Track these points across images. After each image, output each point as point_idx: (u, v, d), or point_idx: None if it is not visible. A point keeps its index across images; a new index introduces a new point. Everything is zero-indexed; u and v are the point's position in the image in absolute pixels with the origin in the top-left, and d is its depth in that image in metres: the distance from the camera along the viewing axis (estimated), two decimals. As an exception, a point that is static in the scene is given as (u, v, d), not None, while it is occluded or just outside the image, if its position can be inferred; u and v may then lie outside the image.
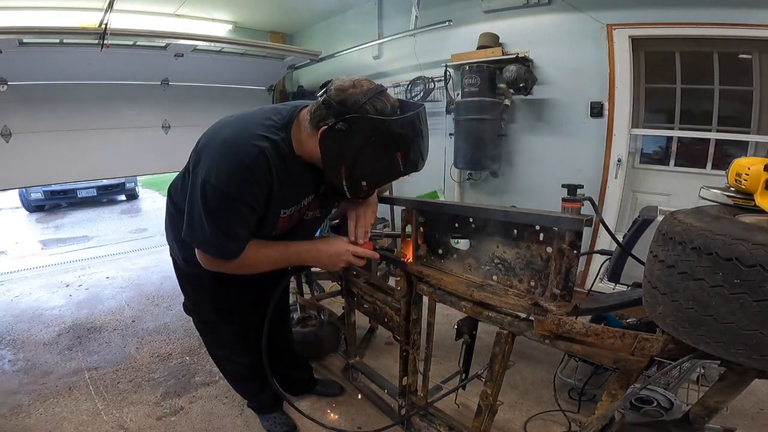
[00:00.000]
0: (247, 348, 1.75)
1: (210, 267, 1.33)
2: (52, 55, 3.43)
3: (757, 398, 2.01)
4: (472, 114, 3.37)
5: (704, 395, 1.03)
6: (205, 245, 1.27)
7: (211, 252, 1.27)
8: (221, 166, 1.17)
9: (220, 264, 1.31)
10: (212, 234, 1.22)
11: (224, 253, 1.27)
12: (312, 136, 1.20)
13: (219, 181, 1.16)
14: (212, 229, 1.21)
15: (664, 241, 0.89)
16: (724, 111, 2.74)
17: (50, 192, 6.96)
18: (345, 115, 1.11)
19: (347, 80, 1.16)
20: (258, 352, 1.58)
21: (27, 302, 3.45)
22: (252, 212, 1.24)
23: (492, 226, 1.29)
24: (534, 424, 1.93)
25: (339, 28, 4.96)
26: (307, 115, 1.21)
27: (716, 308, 0.76)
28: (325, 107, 1.15)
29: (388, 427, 1.75)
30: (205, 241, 1.25)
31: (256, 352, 1.61)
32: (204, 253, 1.29)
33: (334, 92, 1.14)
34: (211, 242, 1.24)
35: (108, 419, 2.01)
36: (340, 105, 1.12)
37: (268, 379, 1.65)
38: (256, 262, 1.34)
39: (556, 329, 1.09)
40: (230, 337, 1.75)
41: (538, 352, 2.43)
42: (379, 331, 2.70)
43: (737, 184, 0.98)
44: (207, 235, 1.23)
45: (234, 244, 1.26)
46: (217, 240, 1.23)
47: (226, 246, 1.26)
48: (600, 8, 2.95)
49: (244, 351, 1.77)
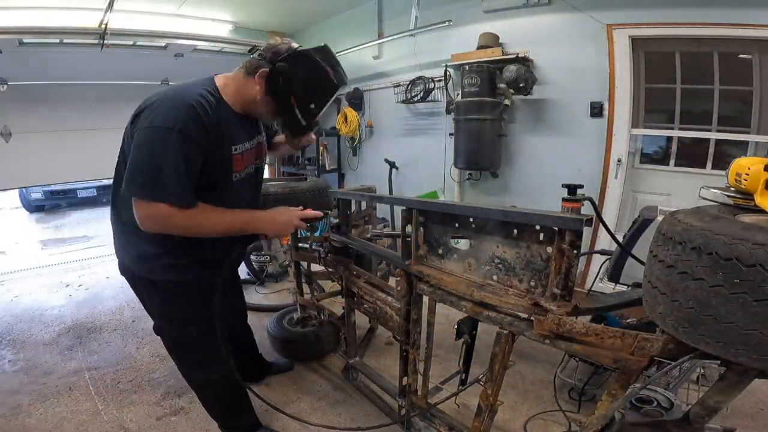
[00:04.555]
0: (222, 360, 1.67)
1: (153, 222, 1.25)
2: (52, 55, 3.44)
3: (757, 398, 2.02)
4: (472, 114, 3.37)
5: (704, 395, 1.03)
6: (148, 192, 1.21)
7: (156, 196, 1.20)
8: (165, 110, 1.24)
9: (166, 216, 1.23)
10: (157, 176, 1.19)
11: (170, 194, 1.21)
12: (248, 82, 1.39)
13: (165, 121, 1.21)
14: (156, 171, 1.19)
15: (664, 241, 0.89)
16: (724, 111, 2.74)
17: (50, 192, 6.95)
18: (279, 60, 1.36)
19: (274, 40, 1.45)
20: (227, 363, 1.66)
21: (27, 302, 3.45)
22: (199, 153, 1.26)
23: (492, 226, 1.29)
24: (534, 424, 1.93)
25: (339, 28, 4.96)
26: (239, 72, 1.41)
27: (716, 308, 0.76)
28: (260, 58, 1.39)
29: (388, 425, 1.76)
30: (148, 186, 1.20)
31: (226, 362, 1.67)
32: (148, 202, 1.21)
33: (266, 46, 1.41)
34: (155, 186, 1.20)
35: (108, 419, 2.01)
36: (274, 54, 1.38)
37: (243, 398, 1.78)
38: (211, 221, 1.34)
39: (556, 329, 1.09)
40: (209, 351, 1.62)
41: (538, 352, 2.43)
42: (379, 331, 2.70)
43: (737, 184, 0.98)
44: (151, 179, 1.20)
45: (177, 187, 1.22)
46: (162, 182, 1.20)
47: (171, 187, 1.21)
48: (600, 8, 2.95)
49: (221, 364, 1.69)
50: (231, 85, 1.40)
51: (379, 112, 4.74)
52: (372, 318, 2.13)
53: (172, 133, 1.20)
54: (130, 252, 1.46)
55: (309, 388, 2.24)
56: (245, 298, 2.23)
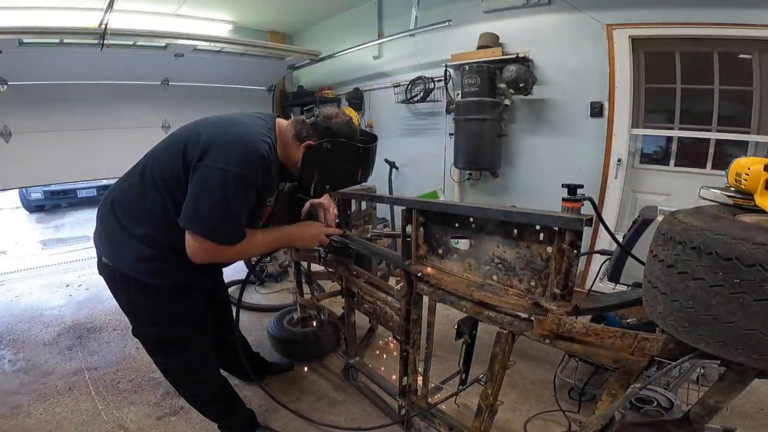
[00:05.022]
0: (212, 361, 1.73)
1: (208, 256, 1.36)
2: (52, 55, 3.43)
3: (757, 398, 2.01)
4: (472, 114, 3.37)
5: (704, 395, 1.03)
6: (212, 233, 1.31)
7: (219, 238, 1.33)
8: (240, 155, 1.29)
9: (221, 251, 1.35)
10: (222, 219, 1.31)
11: (231, 237, 1.35)
12: (294, 145, 1.45)
13: (239, 168, 1.28)
14: (223, 215, 1.30)
15: (664, 241, 0.89)
16: (724, 111, 2.74)
17: (50, 192, 6.94)
18: (328, 137, 1.41)
19: (332, 110, 1.49)
20: (218, 363, 1.73)
21: (27, 302, 3.45)
22: (256, 198, 1.37)
23: (492, 226, 1.29)
24: (534, 424, 1.93)
25: (339, 28, 4.96)
26: (291, 128, 1.46)
27: (716, 308, 0.76)
28: (312, 127, 1.42)
29: (388, 425, 1.76)
30: (213, 228, 1.31)
31: (216, 362, 1.76)
32: (208, 241, 1.32)
33: (322, 118, 1.43)
34: (220, 228, 1.32)
35: (108, 419, 2.01)
36: (327, 129, 1.42)
37: (235, 396, 1.82)
38: (255, 245, 1.49)
39: (556, 329, 1.09)
40: (200, 352, 1.66)
41: (538, 352, 2.43)
42: (379, 331, 2.70)
43: (737, 184, 0.98)
44: (216, 222, 1.30)
45: (239, 229, 1.37)
46: (226, 226, 1.33)
47: (233, 231, 1.35)
48: (600, 8, 2.95)
49: (211, 365, 1.73)
50: (283, 139, 1.46)
51: (379, 112, 4.74)
52: (372, 318, 2.13)
53: (243, 181, 1.29)
54: (121, 252, 1.45)
55: (309, 388, 2.24)
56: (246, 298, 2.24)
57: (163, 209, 1.37)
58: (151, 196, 1.38)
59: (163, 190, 1.36)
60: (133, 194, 1.43)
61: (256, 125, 1.41)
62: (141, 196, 1.41)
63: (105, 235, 1.50)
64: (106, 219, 1.49)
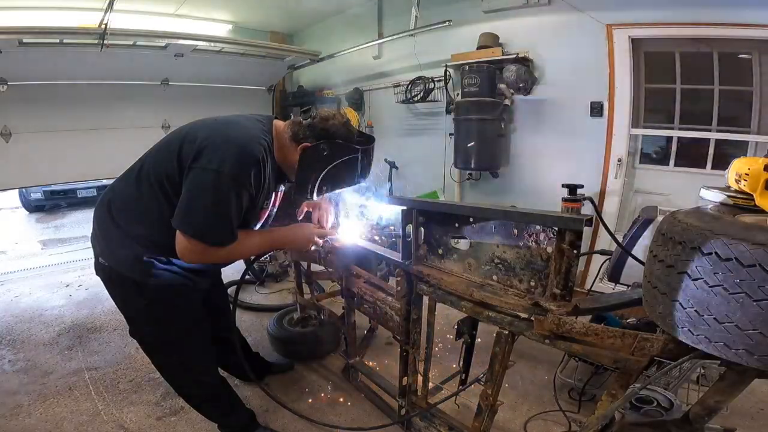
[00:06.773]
0: (210, 360, 1.73)
1: (198, 257, 1.36)
2: (52, 55, 3.43)
3: (757, 398, 2.01)
4: (472, 114, 3.37)
5: (704, 395, 1.03)
6: (202, 234, 1.31)
7: (209, 239, 1.32)
8: (234, 157, 1.29)
9: (212, 252, 1.35)
10: (213, 221, 1.30)
11: (221, 239, 1.34)
12: (291, 147, 1.44)
13: (233, 170, 1.28)
14: (214, 217, 1.30)
15: (664, 241, 0.89)
16: (724, 111, 2.74)
17: (50, 192, 6.93)
18: (324, 138, 1.39)
19: (329, 111, 1.48)
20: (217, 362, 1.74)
21: (27, 302, 3.44)
22: (249, 201, 1.36)
23: (492, 226, 1.29)
24: (534, 424, 1.92)
25: (339, 28, 4.96)
26: (288, 129, 1.45)
27: (716, 308, 0.76)
28: (309, 129, 1.41)
29: (388, 425, 1.75)
30: (204, 229, 1.31)
31: (215, 362, 1.77)
32: (198, 242, 1.31)
33: (319, 119, 1.42)
34: (210, 230, 1.31)
35: (108, 419, 2.01)
36: (323, 131, 1.41)
37: (234, 396, 1.82)
38: (246, 247, 1.48)
39: (556, 329, 1.09)
40: (198, 351, 1.66)
41: (538, 352, 2.43)
42: (379, 331, 2.70)
43: (737, 184, 0.98)
44: (208, 223, 1.30)
45: (230, 231, 1.35)
46: (217, 227, 1.32)
47: (224, 232, 1.34)
48: (600, 8, 2.95)
49: (209, 364, 1.73)
50: (280, 141, 1.46)
51: (379, 112, 4.74)
52: (372, 318, 2.13)
53: (236, 183, 1.29)
54: (118, 252, 1.45)
55: (309, 388, 2.24)
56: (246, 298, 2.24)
57: (158, 210, 1.37)
58: (147, 196, 1.38)
59: (158, 191, 1.36)
60: (130, 194, 1.43)
61: (252, 127, 1.41)
62: (137, 196, 1.40)
63: (102, 235, 1.50)
64: (102, 219, 1.49)
